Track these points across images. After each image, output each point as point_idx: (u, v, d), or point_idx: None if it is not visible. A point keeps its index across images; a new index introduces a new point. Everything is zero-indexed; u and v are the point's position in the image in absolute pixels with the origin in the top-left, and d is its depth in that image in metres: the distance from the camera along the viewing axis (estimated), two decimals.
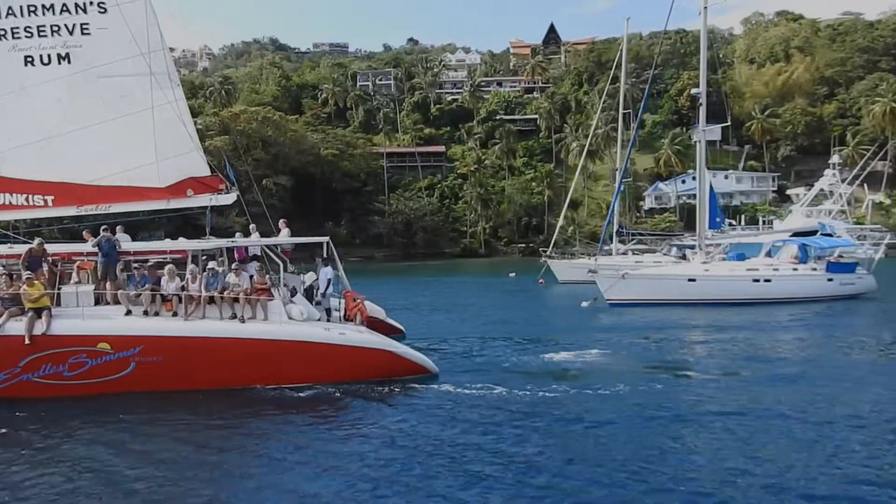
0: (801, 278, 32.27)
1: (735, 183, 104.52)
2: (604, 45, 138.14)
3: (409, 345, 17.13)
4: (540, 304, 36.27)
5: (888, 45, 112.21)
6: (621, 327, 26.22)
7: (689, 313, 29.82)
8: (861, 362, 19.01)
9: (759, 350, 21.22)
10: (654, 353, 20.54)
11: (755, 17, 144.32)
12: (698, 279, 31.66)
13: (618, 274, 31.87)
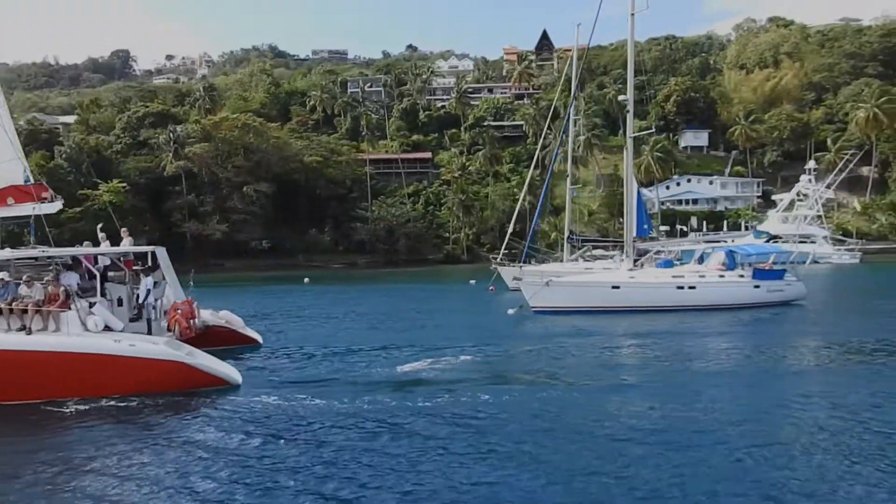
0: (726, 285, 32.12)
1: (720, 188, 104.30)
2: (594, 52, 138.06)
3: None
4: (473, 311, 36.20)
5: (875, 52, 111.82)
6: (526, 335, 26.17)
7: (609, 321, 29.73)
8: (762, 368, 18.93)
9: (642, 357, 21.20)
10: (530, 361, 20.44)
11: (747, 24, 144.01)
12: (622, 286, 31.56)
13: (542, 281, 31.83)
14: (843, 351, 21.39)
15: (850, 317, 31.19)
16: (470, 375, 17.57)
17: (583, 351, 21.90)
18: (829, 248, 76.44)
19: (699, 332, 26.69)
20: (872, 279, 56.75)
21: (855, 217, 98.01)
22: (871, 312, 33.66)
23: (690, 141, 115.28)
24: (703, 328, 27.80)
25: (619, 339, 24.96)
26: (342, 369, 18.23)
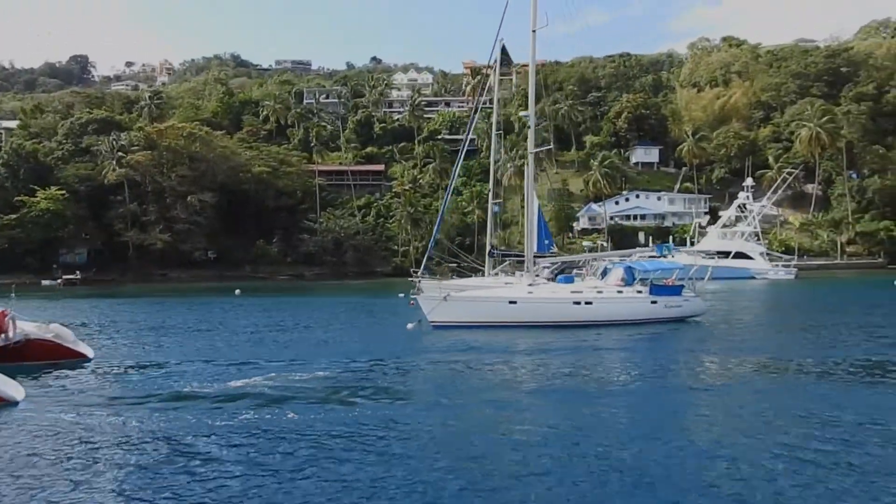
0: (624, 301, 32.02)
1: (668, 204, 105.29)
2: (551, 68, 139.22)
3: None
4: (375, 325, 35.76)
5: (820, 72, 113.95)
6: (409, 349, 25.74)
7: (504, 335, 29.50)
8: (651, 383, 18.96)
9: (515, 373, 21.00)
10: (386, 376, 20.03)
11: (701, 42, 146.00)
12: (519, 301, 31.33)
13: (440, 295, 31.50)
14: (728, 366, 21.47)
15: (745, 333, 31.31)
16: (305, 391, 17.11)
17: (456, 366, 21.63)
18: (765, 264, 77.41)
19: (590, 347, 26.58)
20: (796, 295, 57.33)
21: (798, 233, 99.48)
22: (769, 329, 33.94)
23: (642, 157, 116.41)
24: (596, 343, 27.69)
25: (486, 354, 24.59)
26: (164, 385, 17.58)
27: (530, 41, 33.60)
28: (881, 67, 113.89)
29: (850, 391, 17.26)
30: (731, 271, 76.13)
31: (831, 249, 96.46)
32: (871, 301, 51.14)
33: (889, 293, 56.01)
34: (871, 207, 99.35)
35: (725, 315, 38.28)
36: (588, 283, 33.84)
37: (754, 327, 34.17)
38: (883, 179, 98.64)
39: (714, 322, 33.91)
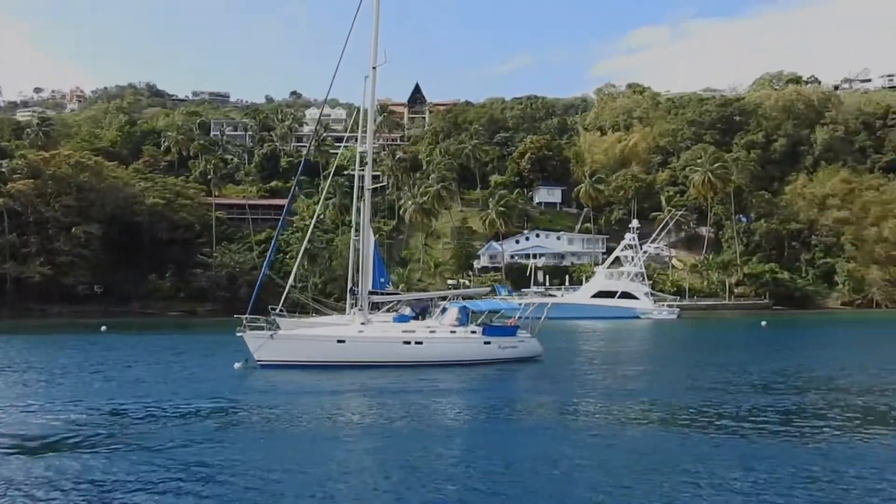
0: (456, 341, 31.64)
1: (567, 244, 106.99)
2: (461, 107, 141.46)
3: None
4: (204, 364, 34.33)
5: (714, 120, 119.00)
6: (220, 391, 24.70)
7: (329, 376, 28.67)
8: (476, 424, 18.82)
9: (321, 414, 20.23)
10: (157, 418, 18.92)
11: (607, 88, 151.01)
12: (348, 340, 30.58)
13: (266, 334, 30.50)
14: (550, 409, 21.26)
15: (578, 375, 31.05)
16: (55, 433, 15.94)
17: (268, 408, 20.83)
18: (650, 305, 79.06)
19: (414, 389, 25.87)
20: (669, 335, 58.27)
21: (689, 274, 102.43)
22: (606, 370, 33.69)
23: (545, 197, 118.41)
24: (421, 385, 27.00)
25: (302, 395, 24.02)
26: None
27: (370, 78, 33.34)
28: (770, 117, 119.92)
29: (661, 434, 17.25)
30: (617, 311, 77.70)
31: (720, 290, 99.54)
32: (732, 341, 52.63)
33: (754, 333, 57.78)
34: (758, 250, 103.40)
35: (571, 355, 38.37)
36: (422, 322, 33.34)
37: (594, 368, 34.07)
38: (769, 223, 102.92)
39: (553, 364, 33.73)
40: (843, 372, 29.33)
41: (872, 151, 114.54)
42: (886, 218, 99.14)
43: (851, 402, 21.85)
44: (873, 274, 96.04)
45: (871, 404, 21.40)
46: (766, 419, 18.88)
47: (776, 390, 24.50)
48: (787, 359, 35.41)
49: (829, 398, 22.46)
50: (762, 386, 25.44)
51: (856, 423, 18.56)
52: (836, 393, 23.59)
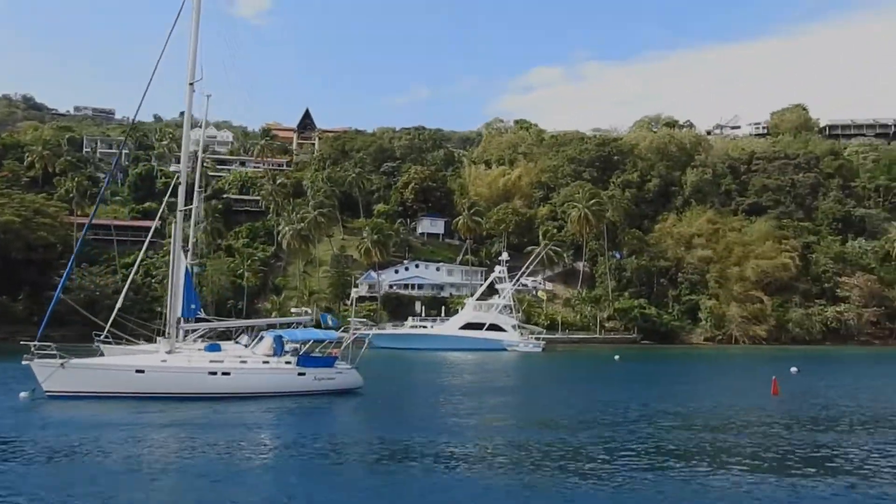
0: (267, 372, 30.32)
1: (446, 275, 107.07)
2: (350, 135, 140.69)
3: None
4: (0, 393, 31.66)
5: (593, 158, 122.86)
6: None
7: (124, 408, 26.78)
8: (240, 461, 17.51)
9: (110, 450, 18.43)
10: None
11: (496, 123, 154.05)
12: (148, 371, 28.75)
13: (56, 362, 28.26)
14: (349, 447, 20.38)
15: (394, 409, 30.25)
16: None
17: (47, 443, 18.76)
18: (516, 337, 79.72)
19: (213, 423, 24.45)
20: (526, 367, 58.44)
21: (563, 308, 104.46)
22: (425, 403, 32.94)
23: (427, 228, 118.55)
24: (224, 419, 25.62)
25: (86, 430, 22.12)
26: None
27: (186, 94, 31.91)
28: (645, 158, 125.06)
29: (444, 474, 16.62)
30: (484, 343, 77.97)
31: (592, 324, 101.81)
32: (578, 374, 53.40)
33: (604, 367, 58.91)
34: (629, 286, 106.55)
35: (399, 387, 37.68)
36: (234, 352, 31.82)
37: (414, 401, 33.34)
38: (639, 260, 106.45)
39: (373, 396, 32.76)
40: (659, 404, 30.04)
41: (737, 194, 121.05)
42: (748, 258, 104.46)
43: (660, 435, 22.07)
44: (732, 311, 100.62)
45: (663, 436, 21.58)
46: (587, 455, 18.71)
47: (599, 423, 24.67)
48: (617, 391, 36.06)
49: (643, 432, 22.83)
50: (588, 420, 25.69)
51: (656, 456, 18.59)
52: (646, 425, 23.86)
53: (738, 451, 19.86)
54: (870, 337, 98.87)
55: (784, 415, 27.45)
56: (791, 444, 20.91)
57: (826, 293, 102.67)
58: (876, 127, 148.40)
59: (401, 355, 70.12)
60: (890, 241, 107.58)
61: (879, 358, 72.75)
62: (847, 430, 23.85)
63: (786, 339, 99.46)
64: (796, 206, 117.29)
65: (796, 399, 32.22)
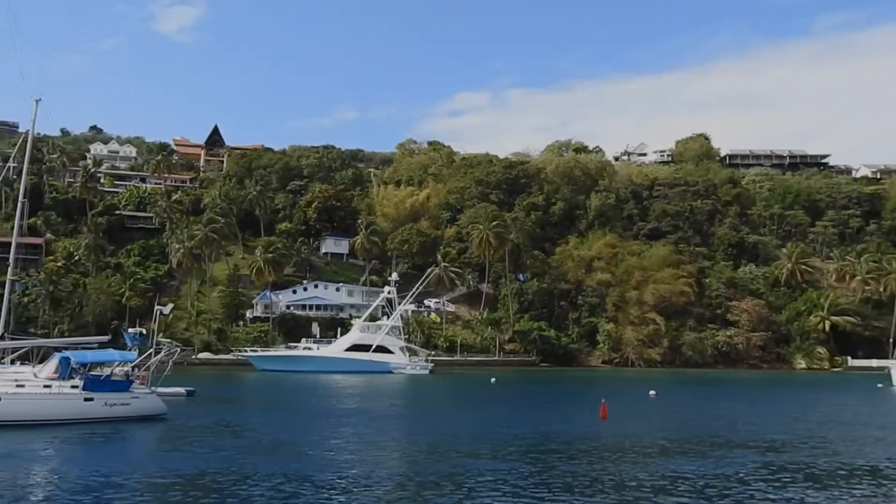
0: (47, 397, 27.83)
1: (346, 296, 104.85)
2: (257, 153, 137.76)
3: None
4: None
5: (500, 181, 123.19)
6: None
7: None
8: None
9: None
10: None
11: (409, 144, 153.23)
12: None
13: None
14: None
15: (195, 437, 27.98)
16: None
17: None
18: (404, 359, 78.17)
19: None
20: (389, 390, 56.69)
21: (464, 330, 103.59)
22: (236, 431, 30.84)
23: (331, 248, 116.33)
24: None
25: None
26: None
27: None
28: (551, 181, 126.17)
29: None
30: (370, 365, 76.14)
31: (492, 346, 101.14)
32: (447, 397, 52.16)
33: (479, 390, 57.85)
34: (531, 308, 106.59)
35: (220, 412, 35.39)
36: (12, 374, 29.18)
37: (243, 425, 31.11)
38: (540, 282, 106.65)
39: (181, 422, 30.49)
40: (481, 428, 29.26)
41: (638, 219, 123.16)
42: (647, 282, 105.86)
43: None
44: (629, 334, 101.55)
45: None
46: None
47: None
48: (457, 416, 35.14)
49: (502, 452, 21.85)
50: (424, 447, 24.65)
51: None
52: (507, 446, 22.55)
53: (499, 478, 18.61)
54: (758, 360, 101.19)
55: (595, 440, 26.63)
56: (573, 472, 19.88)
57: (718, 318, 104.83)
58: (772, 157, 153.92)
59: (283, 378, 67.65)
60: (779, 267, 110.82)
61: (756, 382, 74.10)
62: (646, 456, 23.12)
63: (680, 362, 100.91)
64: (694, 231, 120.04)
65: (620, 424, 31.53)
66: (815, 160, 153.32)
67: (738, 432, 29.47)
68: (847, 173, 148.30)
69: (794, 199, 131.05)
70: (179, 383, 41.06)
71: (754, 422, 33.90)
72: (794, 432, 29.76)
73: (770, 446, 25.43)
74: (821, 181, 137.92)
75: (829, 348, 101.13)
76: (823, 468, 21.33)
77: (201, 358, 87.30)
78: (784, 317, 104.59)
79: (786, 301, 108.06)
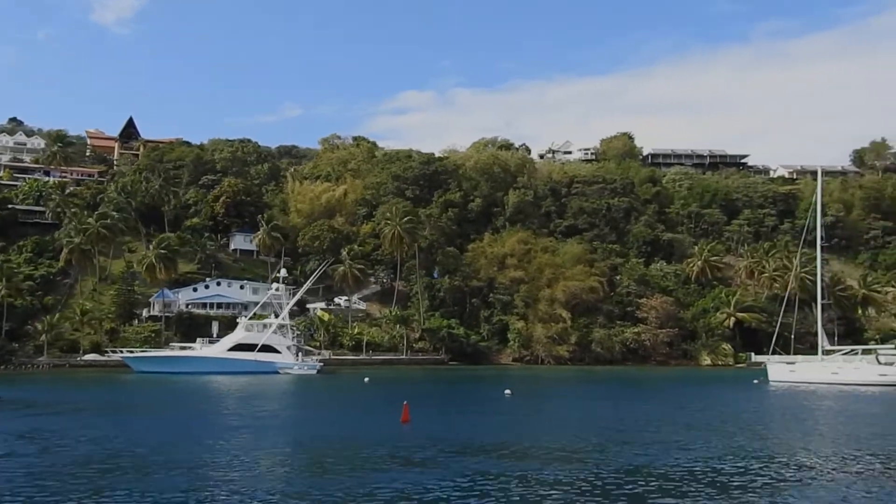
0: None
1: (251, 294, 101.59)
2: (167, 147, 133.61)
3: None
4: None
5: (417, 176, 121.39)
6: None
7: None
8: None
9: None
10: None
11: (333, 139, 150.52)
12: None
13: None
14: None
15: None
16: None
17: None
18: (291, 359, 75.70)
19: None
20: (268, 395, 54.22)
21: (371, 327, 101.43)
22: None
23: (241, 244, 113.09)
24: None
25: None
26: None
27: None
28: (469, 178, 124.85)
29: None
30: (255, 365, 73.46)
31: (401, 344, 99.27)
32: (310, 398, 50.04)
33: (352, 390, 55.98)
34: (442, 306, 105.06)
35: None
36: None
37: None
38: (452, 280, 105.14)
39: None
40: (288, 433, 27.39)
41: (556, 216, 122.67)
42: (558, 279, 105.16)
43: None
44: (539, 332, 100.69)
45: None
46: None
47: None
48: (292, 417, 33.36)
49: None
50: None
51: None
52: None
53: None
54: (665, 357, 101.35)
55: (383, 446, 24.72)
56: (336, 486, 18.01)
57: (628, 315, 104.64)
58: (693, 157, 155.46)
59: (154, 380, 64.67)
60: (690, 265, 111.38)
61: (646, 379, 73.67)
62: (421, 463, 21.39)
63: (589, 359, 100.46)
64: (610, 229, 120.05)
65: (417, 427, 29.68)
66: (735, 160, 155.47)
67: (520, 437, 27.74)
68: (765, 173, 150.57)
69: (712, 198, 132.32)
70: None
71: (562, 425, 32.61)
72: (586, 436, 28.28)
73: (523, 452, 23.84)
74: (738, 181, 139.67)
75: (735, 344, 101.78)
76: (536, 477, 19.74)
77: (87, 360, 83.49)
78: (691, 313, 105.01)
79: (696, 298, 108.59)
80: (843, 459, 22.76)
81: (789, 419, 36.26)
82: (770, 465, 21.63)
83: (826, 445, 26.34)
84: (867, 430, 30.48)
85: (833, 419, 37.27)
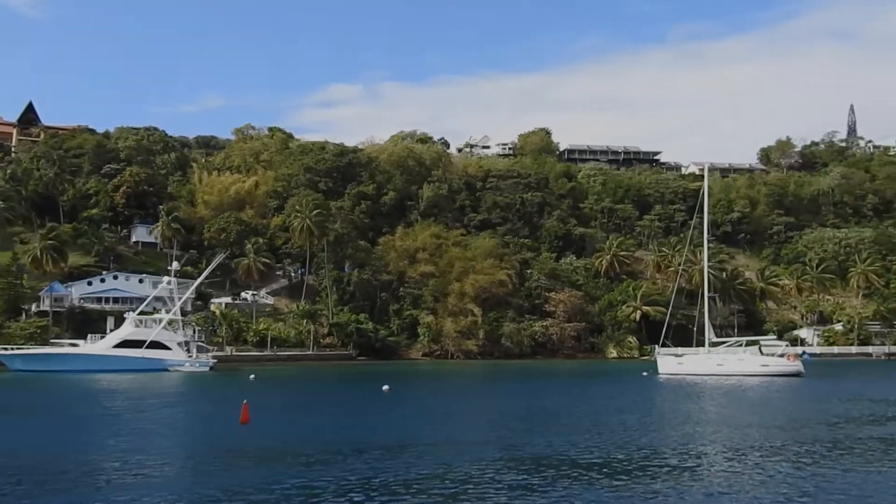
0: None
1: (151, 288, 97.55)
2: (68, 134, 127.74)
3: None
4: None
5: (330, 169, 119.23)
6: None
7: None
8: None
9: None
10: None
11: (247, 129, 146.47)
12: None
13: None
14: None
15: None
16: None
17: None
18: (182, 356, 72.91)
19: None
20: (148, 394, 51.59)
21: (277, 322, 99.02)
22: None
23: (143, 237, 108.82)
24: None
25: None
26: None
27: None
28: (383, 171, 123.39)
29: None
30: (143, 363, 70.42)
31: (308, 340, 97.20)
32: (182, 397, 47.79)
33: (234, 388, 53.94)
34: (352, 300, 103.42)
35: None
36: None
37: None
38: (362, 274, 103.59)
39: None
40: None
41: (470, 210, 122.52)
42: (468, 273, 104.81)
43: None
44: (448, 326, 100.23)
45: None
46: None
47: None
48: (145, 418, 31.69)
49: None
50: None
51: None
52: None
53: None
54: (573, 350, 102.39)
55: (202, 448, 23.25)
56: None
57: (537, 308, 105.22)
58: (608, 153, 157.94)
59: (32, 379, 61.15)
60: (599, 259, 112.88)
61: (544, 372, 73.91)
62: (252, 467, 20.02)
63: (499, 353, 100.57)
64: (523, 223, 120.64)
65: (258, 429, 28.21)
66: (648, 157, 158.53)
67: (353, 436, 26.71)
68: (676, 170, 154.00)
69: (625, 194, 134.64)
70: None
71: (423, 421, 31.83)
72: (440, 433, 27.54)
73: (335, 451, 22.80)
74: (651, 177, 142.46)
75: (641, 337, 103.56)
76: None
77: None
78: (598, 307, 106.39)
79: (605, 292, 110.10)
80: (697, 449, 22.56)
81: (665, 410, 36.47)
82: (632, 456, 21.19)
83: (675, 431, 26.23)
84: (744, 418, 30.68)
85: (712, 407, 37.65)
